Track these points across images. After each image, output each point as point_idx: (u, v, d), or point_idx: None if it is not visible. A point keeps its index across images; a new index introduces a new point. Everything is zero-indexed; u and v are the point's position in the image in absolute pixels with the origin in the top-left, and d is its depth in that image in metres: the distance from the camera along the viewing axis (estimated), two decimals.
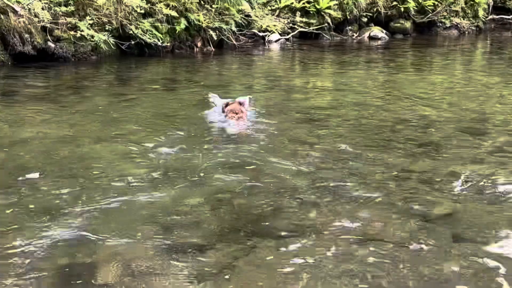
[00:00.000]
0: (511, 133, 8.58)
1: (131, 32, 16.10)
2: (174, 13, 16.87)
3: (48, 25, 14.78)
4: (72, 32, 15.10)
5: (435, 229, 5.34)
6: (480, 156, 7.44)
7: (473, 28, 24.81)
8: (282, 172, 6.79)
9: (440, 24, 24.18)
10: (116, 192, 6.16)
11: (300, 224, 5.45)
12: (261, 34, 20.30)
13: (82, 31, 15.07)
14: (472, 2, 24.85)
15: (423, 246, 5.05)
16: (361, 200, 6.01)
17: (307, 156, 7.44)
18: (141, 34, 16.21)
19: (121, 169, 6.87)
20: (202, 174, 6.71)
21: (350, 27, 22.72)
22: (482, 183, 6.48)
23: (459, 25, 24.37)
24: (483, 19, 25.62)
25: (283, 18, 21.26)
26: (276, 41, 20.49)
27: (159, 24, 16.75)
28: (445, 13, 24.24)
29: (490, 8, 26.48)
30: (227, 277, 4.60)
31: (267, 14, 20.83)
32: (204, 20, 17.82)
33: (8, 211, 5.69)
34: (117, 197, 6.01)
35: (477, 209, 5.79)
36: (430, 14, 23.77)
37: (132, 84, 12.56)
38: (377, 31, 22.68)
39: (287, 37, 20.83)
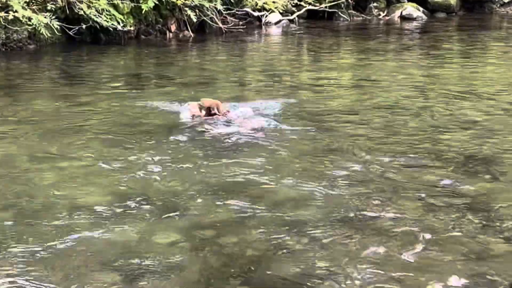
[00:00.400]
0: None
1: (81, 12, 16.13)
2: None
3: None
4: (2, 14, 15.12)
5: (489, 277, 5.35)
6: None
7: None
8: (286, 198, 6.79)
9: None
10: (64, 227, 6.14)
11: (310, 272, 5.45)
12: (256, 14, 20.38)
13: (16, 11, 15.09)
14: None
15: None
16: (393, 238, 6.01)
17: (319, 176, 7.44)
18: (94, 15, 16.24)
19: (70, 196, 6.86)
20: (178, 202, 6.71)
21: (375, 4, 22.86)
22: None
23: None
24: None
25: None
26: (276, 23, 20.57)
27: (119, 2, 16.78)
28: None
29: None
30: None
31: None
32: None
33: None
34: (66, 235, 5.99)
35: None
36: None
37: (83, 82, 12.58)
38: (411, 8, 22.79)
39: (291, 17, 20.91)
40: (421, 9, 22.96)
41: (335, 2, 21.58)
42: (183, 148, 8.50)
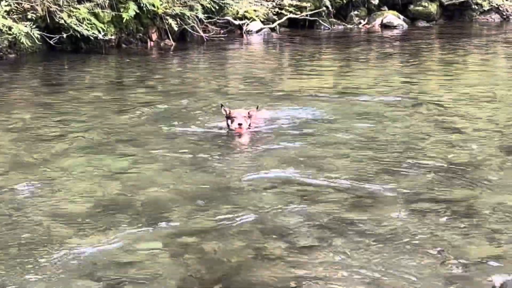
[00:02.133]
0: None
1: (62, 21, 16.09)
2: None
3: None
4: None
5: (473, 279, 5.37)
6: None
7: None
8: (267, 206, 6.80)
9: (476, 7, 24.46)
10: (45, 235, 6.12)
11: (290, 278, 5.45)
12: (237, 22, 20.40)
13: None
14: None
15: None
16: (374, 244, 6.02)
17: (300, 184, 7.45)
18: (75, 24, 16.21)
19: (51, 205, 6.84)
20: (160, 210, 6.70)
21: (356, 12, 22.94)
22: None
23: (501, 8, 24.65)
24: None
25: (267, 0, 21.35)
26: (257, 31, 20.61)
27: (99, 11, 16.75)
28: None
29: None
30: None
31: None
32: (161, 5, 17.84)
33: None
34: (47, 243, 5.97)
35: None
36: None
37: (64, 91, 12.55)
38: (392, 16, 22.88)
39: (272, 26, 20.95)
40: (402, 17, 23.07)
41: (316, 11, 21.64)
42: (164, 156, 8.48)
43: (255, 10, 20.78)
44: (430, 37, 21.16)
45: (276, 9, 21.27)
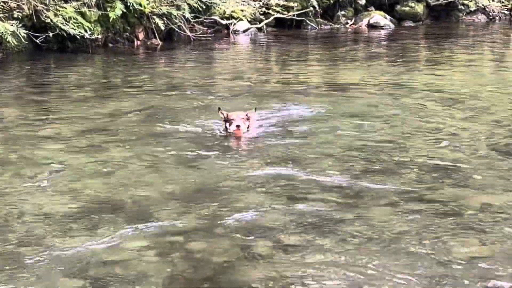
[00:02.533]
0: None
1: (48, 20, 16.05)
2: None
3: None
4: None
5: (457, 280, 5.39)
6: None
7: (505, 12, 25.18)
8: (254, 205, 6.81)
9: (462, 8, 24.53)
10: (31, 235, 6.11)
11: (276, 278, 5.46)
12: (224, 22, 20.40)
13: None
14: None
15: None
16: (361, 244, 6.04)
17: (287, 183, 7.47)
18: (61, 23, 16.17)
19: (37, 203, 6.83)
20: (147, 209, 6.70)
21: (343, 12, 22.96)
22: None
23: (487, 9, 24.74)
24: None
25: (254, 0, 21.36)
26: (244, 31, 20.60)
27: (86, 10, 16.72)
28: None
29: None
30: None
31: None
32: (148, 4, 17.82)
33: None
34: (33, 242, 5.96)
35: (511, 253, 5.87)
36: None
37: (50, 91, 12.52)
38: (378, 17, 22.92)
39: (259, 26, 20.95)
40: (389, 17, 23.11)
41: (303, 11, 21.66)
42: (151, 155, 8.48)
43: (242, 10, 20.79)
44: (417, 37, 21.22)
45: (263, 9, 21.28)
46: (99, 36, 17.13)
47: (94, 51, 16.86)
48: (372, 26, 22.65)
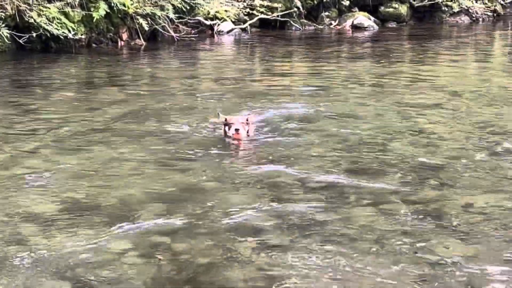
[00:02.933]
0: None
1: (31, 20, 15.99)
2: None
3: None
4: None
5: (439, 281, 5.41)
6: (499, 183, 7.57)
7: (488, 13, 25.28)
8: (238, 206, 6.81)
9: (446, 9, 24.59)
10: (13, 235, 6.09)
11: (263, 277, 5.47)
12: (208, 22, 20.39)
13: None
14: None
15: None
16: (343, 244, 6.05)
17: (271, 184, 7.47)
18: (45, 23, 16.11)
19: (19, 204, 6.80)
20: (130, 210, 6.69)
21: (327, 13, 22.98)
22: (501, 218, 6.59)
23: (470, 10, 24.82)
24: (502, 2, 26.14)
25: (238, 1, 21.36)
26: (228, 31, 20.60)
27: (69, 10, 16.67)
28: None
29: None
30: None
31: None
32: (131, 5, 17.79)
33: None
34: (15, 243, 5.93)
35: (493, 254, 5.88)
36: None
37: (33, 90, 12.48)
38: (362, 18, 22.96)
39: (243, 26, 20.95)
40: (372, 18, 23.16)
41: (287, 11, 21.67)
42: (134, 156, 8.47)
43: (226, 11, 20.78)
44: (400, 38, 21.27)
45: (247, 10, 21.27)
46: (83, 36, 17.08)
47: (78, 51, 16.82)
48: (356, 27, 22.69)
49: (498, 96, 12.10)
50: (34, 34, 16.08)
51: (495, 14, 25.48)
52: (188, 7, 19.58)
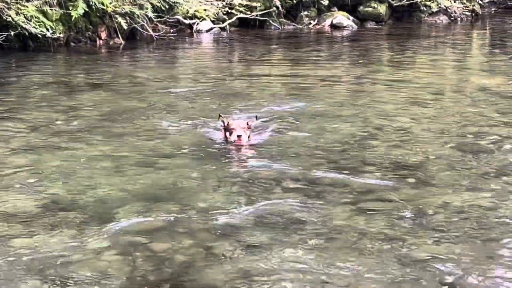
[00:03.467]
0: None
1: (9, 19, 15.92)
2: None
3: None
4: None
5: (417, 280, 5.43)
6: (477, 182, 7.61)
7: (467, 13, 25.39)
8: (216, 205, 6.82)
9: (424, 9, 24.68)
10: None
11: (242, 276, 5.47)
12: (187, 21, 20.36)
13: None
14: None
15: None
16: (322, 243, 6.07)
17: (249, 183, 7.49)
18: (23, 22, 16.04)
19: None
20: (109, 209, 6.68)
21: (306, 13, 23.01)
22: (478, 217, 6.63)
23: (449, 10, 24.92)
24: (480, 2, 26.28)
25: (217, 0, 21.36)
26: (207, 30, 20.59)
27: (47, 9, 16.61)
28: None
29: None
30: None
31: None
32: (110, 3, 17.75)
33: None
34: None
35: (471, 253, 5.92)
36: None
37: (11, 90, 12.43)
38: (341, 17, 23.01)
39: (223, 25, 20.95)
40: (351, 18, 23.21)
41: (266, 11, 21.68)
42: (112, 155, 8.46)
43: (205, 10, 20.77)
44: (379, 38, 21.32)
45: (226, 9, 21.26)
46: (61, 35, 17.01)
47: (56, 50, 16.76)
48: (335, 27, 22.73)
49: (476, 95, 12.17)
50: (12, 33, 16.00)
51: (473, 14, 25.59)
52: (167, 6, 19.56)
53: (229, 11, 21.26)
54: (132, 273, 5.48)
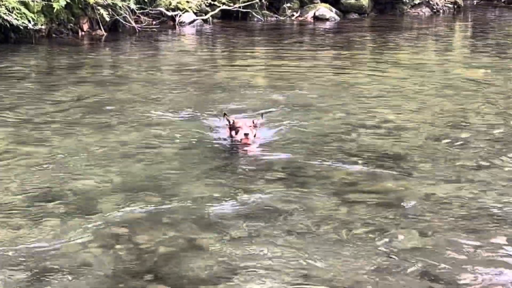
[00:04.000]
0: (497, 141, 8.84)
1: None
2: None
3: None
4: None
5: (400, 270, 5.45)
6: (459, 173, 7.64)
7: (449, 5, 25.47)
8: (199, 197, 6.81)
9: (407, 1, 24.74)
10: None
11: (225, 267, 5.47)
12: (170, 13, 20.31)
13: None
14: None
15: None
16: (306, 235, 6.07)
17: (232, 175, 7.49)
18: (4, 13, 15.97)
19: None
20: (91, 201, 6.67)
21: (288, 4, 22.99)
22: (461, 208, 6.65)
23: (431, 2, 24.99)
24: None
25: None
26: (190, 22, 20.54)
27: (29, 0, 16.54)
28: None
29: None
30: None
31: None
32: None
33: None
34: None
35: (453, 243, 5.94)
36: None
37: None
38: (324, 9, 23.02)
39: (205, 17, 20.91)
40: (334, 9, 23.21)
41: (249, 3, 21.65)
42: (95, 147, 8.44)
43: (187, 1, 20.72)
44: (362, 30, 21.35)
45: (209, 1, 21.22)
46: (43, 27, 16.94)
47: (38, 42, 16.68)
48: (317, 19, 22.73)
49: (458, 87, 12.20)
50: None
51: (455, 6, 25.66)
52: None
53: (212, 2, 21.22)
54: (115, 265, 5.47)
